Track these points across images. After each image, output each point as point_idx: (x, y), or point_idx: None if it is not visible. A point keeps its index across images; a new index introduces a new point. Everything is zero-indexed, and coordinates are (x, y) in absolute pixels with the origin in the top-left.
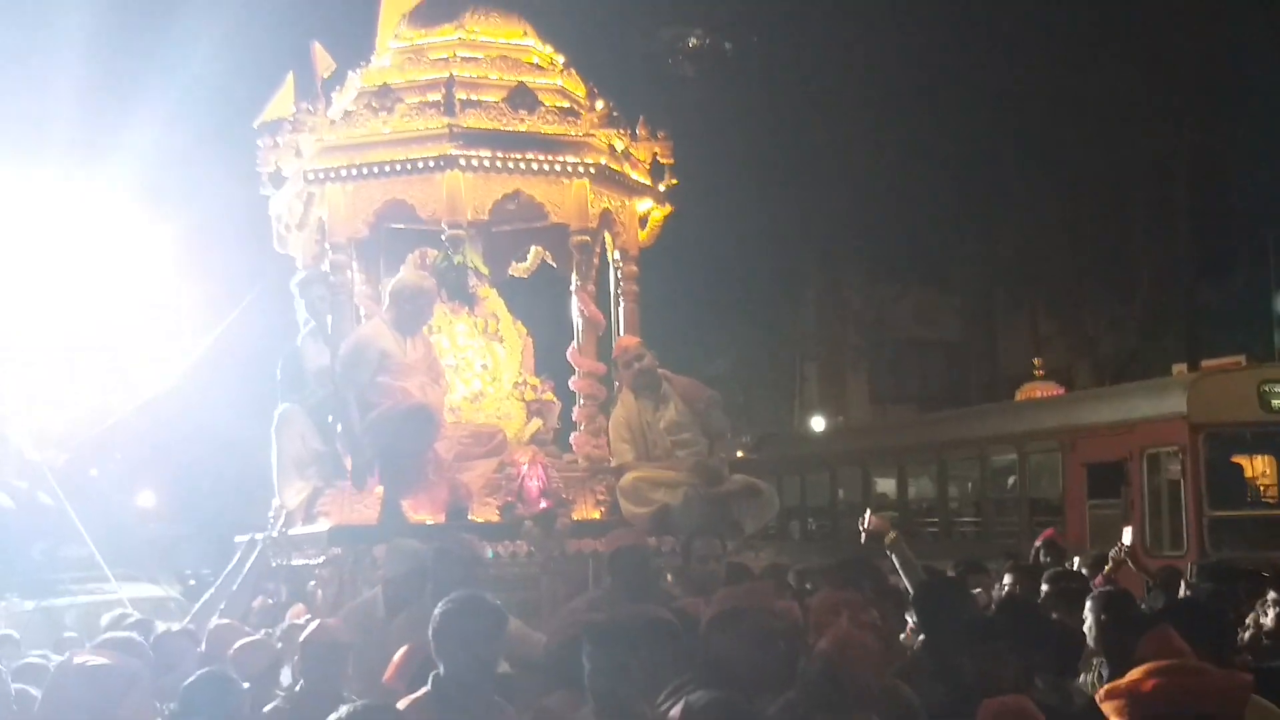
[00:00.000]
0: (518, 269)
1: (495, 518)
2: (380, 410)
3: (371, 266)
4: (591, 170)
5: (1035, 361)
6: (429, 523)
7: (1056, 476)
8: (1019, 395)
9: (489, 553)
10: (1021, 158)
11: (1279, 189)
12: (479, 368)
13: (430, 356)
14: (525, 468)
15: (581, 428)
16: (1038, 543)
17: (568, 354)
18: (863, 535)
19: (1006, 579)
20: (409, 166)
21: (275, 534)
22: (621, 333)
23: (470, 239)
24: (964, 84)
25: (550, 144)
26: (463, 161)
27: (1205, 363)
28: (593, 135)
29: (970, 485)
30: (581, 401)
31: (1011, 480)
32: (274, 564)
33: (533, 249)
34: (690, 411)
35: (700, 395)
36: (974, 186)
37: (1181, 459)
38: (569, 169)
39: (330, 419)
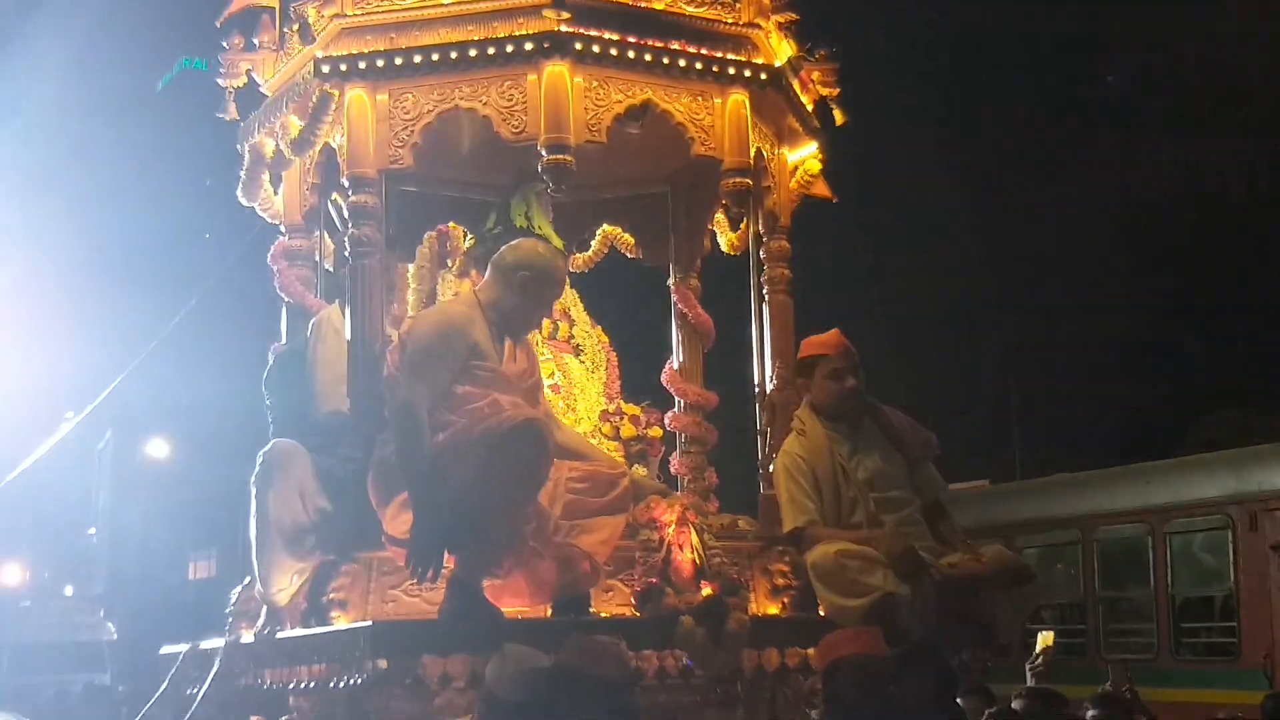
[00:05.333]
0: (575, 260)
1: (628, 610)
2: (457, 431)
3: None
4: (762, 78)
5: None
6: (524, 616)
7: (1221, 563)
8: None
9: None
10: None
11: (1019, 337)
12: (546, 388)
13: (535, 375)
14: (672, 530)
15: (685, 484)
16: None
17: (663, 378)
18: None
19: None
20: (487, 56)
21: (254, 637)
22: (767, 344)
23: (538, 195)
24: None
25: (701, 35)
26: (577, 47)
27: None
28: (758, 28)
29: (1065, 580)
30: (685, 445)
31: (1139, 570)
32: (242, 683)
33: (600, 229)
34: (903, 460)
35: (917, 438)
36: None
37: None
38: (726, 75)
39: (361, 455)
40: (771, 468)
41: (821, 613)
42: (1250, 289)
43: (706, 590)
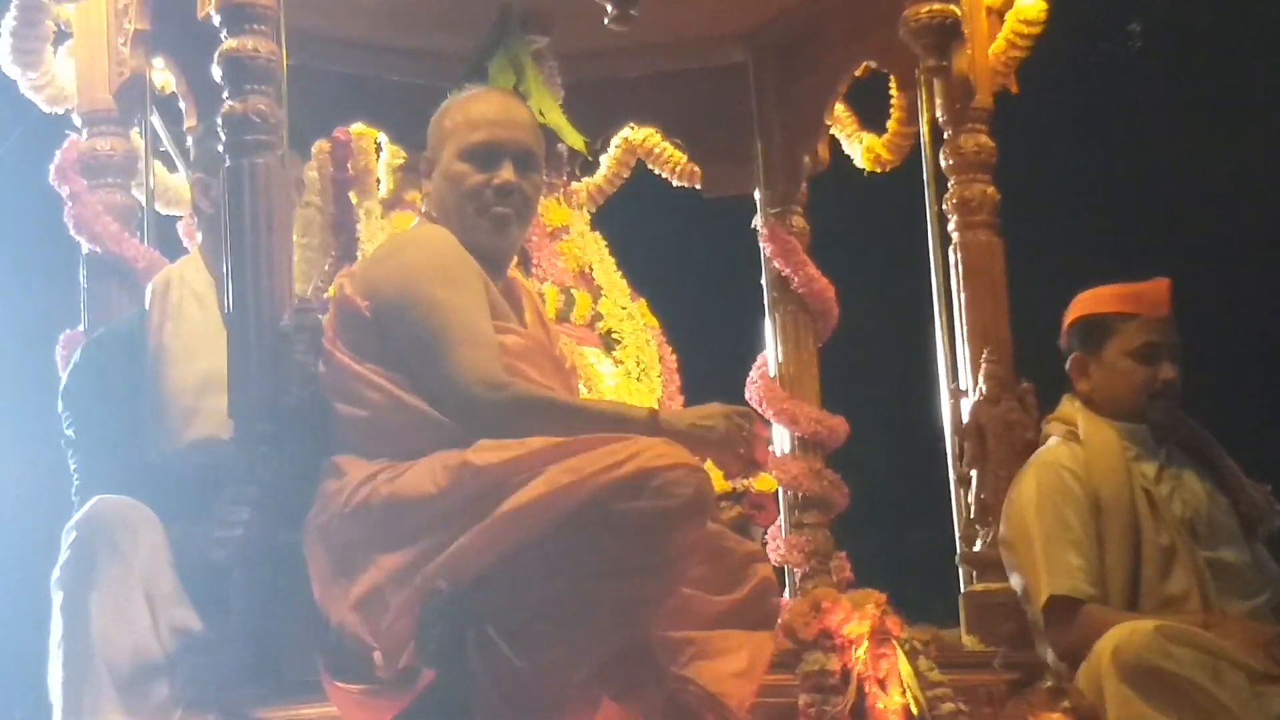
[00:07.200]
0: (591, 184)
1: None
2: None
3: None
4: None
5: None
6: None
7: None
8: None
9: None
10: None
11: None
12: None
13: (569, 359)
14: (863, 653)
15: (798, 580)
16: None
17: (751, 390)
18: None
19: None
20: None
21: None
22: (958, 322)
23: (536, 58)
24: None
25: None
26: None
27: None
28: None
29: None
30: (795, 510)
31: None
32: None
33: (620, 135)
34: (1237, 506)
35: (1259, 493)
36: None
37: None
38: None
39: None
40: (987, 529)
41: None
42: None
43: None
